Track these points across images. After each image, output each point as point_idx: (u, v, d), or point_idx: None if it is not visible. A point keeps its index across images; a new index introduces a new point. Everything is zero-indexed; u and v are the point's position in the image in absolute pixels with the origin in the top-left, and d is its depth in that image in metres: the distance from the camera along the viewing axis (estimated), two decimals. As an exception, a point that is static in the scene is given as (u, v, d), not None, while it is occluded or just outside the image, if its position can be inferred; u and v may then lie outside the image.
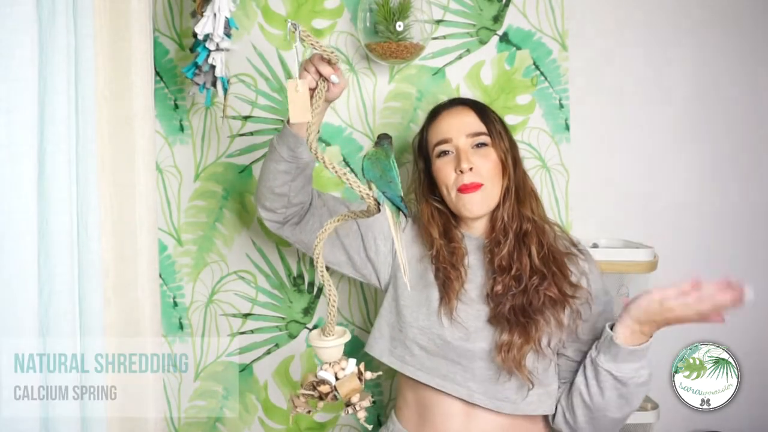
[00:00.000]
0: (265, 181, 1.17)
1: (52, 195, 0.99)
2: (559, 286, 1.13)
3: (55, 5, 0.99)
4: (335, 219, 1.01)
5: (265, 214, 1.22)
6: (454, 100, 1.30)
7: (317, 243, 0.99)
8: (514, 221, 1.18)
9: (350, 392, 0.99)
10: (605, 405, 1.10)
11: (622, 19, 1.61)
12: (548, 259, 1.15)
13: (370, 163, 1.04)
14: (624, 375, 1.07)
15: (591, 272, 1.19)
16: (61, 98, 1.00)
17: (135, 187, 1.23)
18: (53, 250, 0.99)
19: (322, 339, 1.00)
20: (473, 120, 1.21)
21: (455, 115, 1.23)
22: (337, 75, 1.03)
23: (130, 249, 1.23)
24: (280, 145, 1.12)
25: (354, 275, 1.30)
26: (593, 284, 1.18)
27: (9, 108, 0.90)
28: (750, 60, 1.64)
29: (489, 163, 1.18)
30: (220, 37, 1.20)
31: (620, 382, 1.07)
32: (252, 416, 1.55)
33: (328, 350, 1.00)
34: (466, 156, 1.18)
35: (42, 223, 0.97)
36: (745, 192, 1.65)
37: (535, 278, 1.14)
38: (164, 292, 1.52)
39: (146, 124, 1.25)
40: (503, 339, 1.12)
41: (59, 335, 0.99)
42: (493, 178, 1.18)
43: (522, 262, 1.15)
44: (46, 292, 0.98)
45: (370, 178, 1.03)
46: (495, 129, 1.21)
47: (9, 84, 0.90)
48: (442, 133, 1.22)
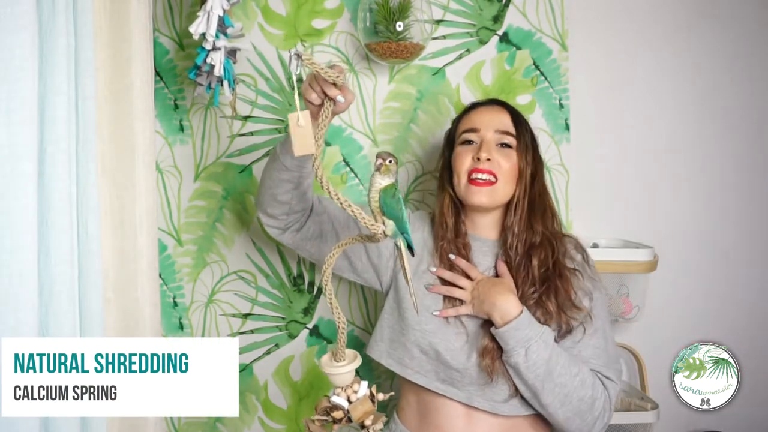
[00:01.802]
0: (267, 188, 1.17)
1: (52, 195, 0.99)
2: (559, 303, 1.13)
3: (55, 5, 0.99)
4: (342, 243, 1.00)
5: (267, 219, 1.23)
6: (495, 99, 1.30)
7: (325, 269, 0.98)
8: (524, 233, 1.18)
9: (363, 415, 0.99)
10: (528, 393, 1.10)
11: (622, 18, 1.61)
12: (552, 275, 1.15)
13: (392, 201, 1.00)
14: (507, 359, 1.10)
15: (596, 299, 1.18)
16: (61, 98, 1.00)
17: (135, 187, 1.23)
18: (53, 250, 0.99)
19: (334, 365, 0.99)
20: (506, 120, 1.22)
21: (490, 111, 1.24)
22: (343, 94, 1.00)
23: (130, 249, 1.23)
24: (284, 155, 1.12)
25: (355, 279, 1.30)
26: (595, 308, 1.17)
27: (9, 108, 0.90)
28: (750, 60, 1.64)
29: (508, 163, 1.18)
30: (213, 36, 1.20)
31: (511, 367, 1.10)
32: (252, 416, 1.55)
33: (341, 376, 0.99)
34: (488, 147, 1.18)
35: (42, 223, 0.97)
36: (745, 192, 1.65)
37: (531, 289, 1.15)
38: (164, 292, 1.52)
39: (146, 124, 1.24)
40: (484, 343, 1.13)
41: (59, 335, 0.99)
42: (507, 179, 1.19)
43: (525, 275, 1.16)
44: (46, 292, 0.98)
45: (390, 217, 1.00)
46: (524, 138, 1.21)
47: (9, 84, 0.90)
48: (472, 122, 1.23)
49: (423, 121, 1.54)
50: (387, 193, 0.99)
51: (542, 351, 1.07)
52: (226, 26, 1.23)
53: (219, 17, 1.20)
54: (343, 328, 0.99)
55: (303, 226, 1.23)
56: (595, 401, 1.09)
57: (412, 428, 1.20)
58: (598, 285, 1.20)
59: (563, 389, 1.08)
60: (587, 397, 1.09)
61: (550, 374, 1.07)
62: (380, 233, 0.97)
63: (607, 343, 1.16)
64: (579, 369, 1.09)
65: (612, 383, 1.13)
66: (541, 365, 1.07)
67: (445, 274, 1.19)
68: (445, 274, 1.19)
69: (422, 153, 1.55)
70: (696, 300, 1.64)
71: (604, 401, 1.10)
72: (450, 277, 1.18)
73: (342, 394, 1.00)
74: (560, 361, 1.08)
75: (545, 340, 1.08)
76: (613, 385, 1.13)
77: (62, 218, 1.00)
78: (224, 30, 1.23)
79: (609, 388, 1.12)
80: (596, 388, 1.10)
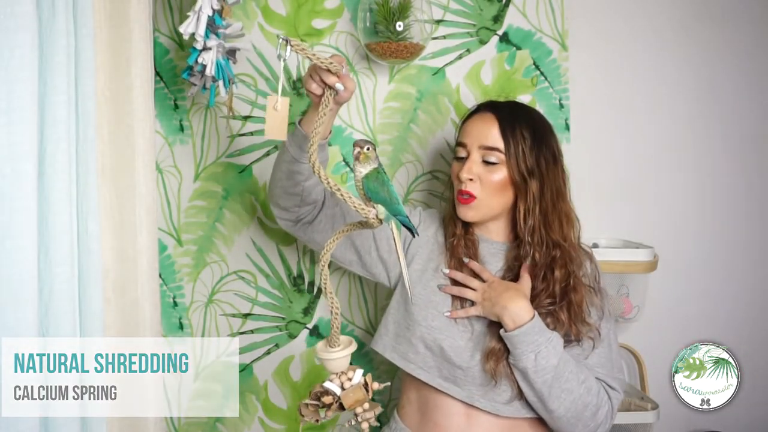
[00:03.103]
0: (278, 180, 1.18)
1: (52, 195, 0.99)
2: (571, 315, 1.13)
3: (55, 5, 0.99)
4: (336, 236, 1.00)
5: (279, 212, 1.24)
6: (487, 104, 1.25)
7: (323, 254, 0.98)
8: (542, 245, 1.17)
9: (355, 403, 0.99)
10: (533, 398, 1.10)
11: (622, 18, 1.61)
12: (569, 290, 1.15)
13: (375, 185, 1.00)
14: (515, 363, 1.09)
15: (605, 314, 1.19)
16: (61, 98, 1.00)
17: (135, 187, 1.23)
18: (53, 250, 0.99)
19: (328, 350, 1.00)
20: (494, 133, 1.17)
21: (478, 123, 1.20)
22: (342, 82, 1.00)
23: (130, 249, 1.23)
24: (292, 146, 1.13)
25: (362, 273, 1.31)
26: (604, 320, 1.18)
27: (9, 108, 0.90)
28: (751, 60, 1.64)
29: (492, 179, 1.17)
30: (202, 36, 1.19)
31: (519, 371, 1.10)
32: (252, 416, 1.55)
33: (334, 361, 0.99)
34: (469, 167, 1.18)
35: (42, 223, 0.97)
36: (745, 191, 1.65)
37: (548, 300, 1.15)
38: (164, 292, 1.52)
39: (146, 124, 1.24)
40: (490, 346, 1.13)
41: (59, 335, 0.99)
42: (491, 192, 1.17)
43: (544, 284, 1.16)
44: (46, 292, 0.98)
45: (378, 201, 1.00)
46: (516, 147, 1.16)
47: (9, 84, 0.90)
48: (463, 136, 1.23)
49: (423, 121, 1.54)
50: (369, 179, 1.00)
51: (551, 357, 1.07)
52: (217, 26, 1.23)
53: (209, 17, 1.20)
54: (337, 312, 0.99)
55: (315, 219, 1.24)
56: (599, 409, 1.10)
57: (412, 426, 1.21)
58: (606, 299, 1.21)
59: (570, 395, 1.08)
60: (592, 405, 1.09)
61: (557, 380, 1.07)
62: (372, 217, 0.98)
63: (612, 353, 1.16)
64: (586, 376, 1.10)
65: (616, 393, 1.14)
66: (550, 371, 1.07)
67: (458, 275, 1.19)
68: (458, 275, 1.19)
69: (422, 153, 1.55)
70: (696, 300, 1.64)
71: (607, 410, 1.11)
72: (462, 279, 1.18)
73: (336, 380, 1.00)
74: (568, 367, 1.09)
75: (555, 346, 1.09)
76: (617, 395, 1.14)
77: (62, 218, 1.00)
78: (215, 30, 1.23)
79: (612, 398, 1.13)
80: (601, 396, 1.11)
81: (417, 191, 1.55)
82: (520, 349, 1.08)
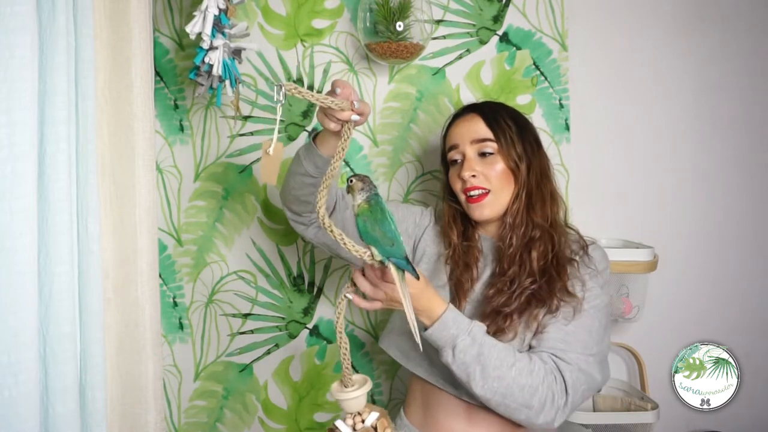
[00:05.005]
0: (291, 188, 1.20)
1: (52, 195, 0.99)
2: (551, 289, 1.11)
3: (55, 5, 0.99)
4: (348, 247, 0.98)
5: (292, 216, 1.26)
6: (467, 106, 1.27)
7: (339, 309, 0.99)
8: (521, 226, 1.17)
9: None
10: (468, 395, 1.10)
11: (622, 19, 1.61)
12: (551, 266, 1.14)
13: (366, 225, 0.95)
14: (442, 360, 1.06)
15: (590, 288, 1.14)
16: (61, 98, 1.00)
17: (135, 187, 1.23)
18: (53, 250, 0.99)
19: (343, 390, 0.99)
20: (481, 126, 1.20)
21: (464, 122, 1.23)
22: (359, 110, 1.00)
23: (130, 249, 1.23)
24: (307, 162, 1.14)
25: None
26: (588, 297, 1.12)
27: (9, 108, 0.90)
28: (751, 60, 1.64)
29: (495, 170, 1.18)
30: (209, 35, 1.19)
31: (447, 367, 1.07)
32: (252, 416, 1.55)
33: (349, 401, 0.98)
34: (469, 164, 1.19)
35: (42, 223, 0.97)
36: (745, 192, 1.65)
37: (529, 280, 1.13)
38: (164, 292, 1.52)
39: (146, 124, 1.24)
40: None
41: (59, 335, 0.99)
42: (501, 185, 1.18)
43: (521, 267, 1.15)
44: (46, 292, 0.98)
45: (370, 243, 0.95)
46: (505, 135, 1.19)
47: (9, 84, 0.90)
48: (452, 139, 1.23)
49: (423, 121, 1.54)
50: (360, 217, 0.97)
51: (469, 348, 1.03)
52: (223, 25, 1.23)
53: (215, 16, 1.20)
54: (346, 349, 0.98)
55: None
56: (537, 388, 1.04)
57: (416, 424, 1.21)
58: (597, 278, 1.16)
59: (502, 382, 1.03)
60: (527, 386, 1.03)
61: (484, 370, 1.03)
62: (367, 258, 0.95)
63: (582, 330, 1.10)
64: (515, 359, 1.05)
65: (567, 365, 1.06)
66: (471, 363, 1.03)
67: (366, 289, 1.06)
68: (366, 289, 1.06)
69: (422, 153, 1.55)
70: (696, 300, 1.64)
71: (548, 386, 1.04)
72: (371, 292, 1.07)
73: (349, 419, 0.99)
74: (493, 354, 1.04)
75: (473, 337, 1.03)
76: (568, 367, 1.06)
77: (62, 218, 1.00)
78: (222, 29, 1.23)
79: (564, 371, 1.06)
80: (537, 374, 1.04)
81: (417, 191, 1.55)
82: (440, 345, 1.04)
